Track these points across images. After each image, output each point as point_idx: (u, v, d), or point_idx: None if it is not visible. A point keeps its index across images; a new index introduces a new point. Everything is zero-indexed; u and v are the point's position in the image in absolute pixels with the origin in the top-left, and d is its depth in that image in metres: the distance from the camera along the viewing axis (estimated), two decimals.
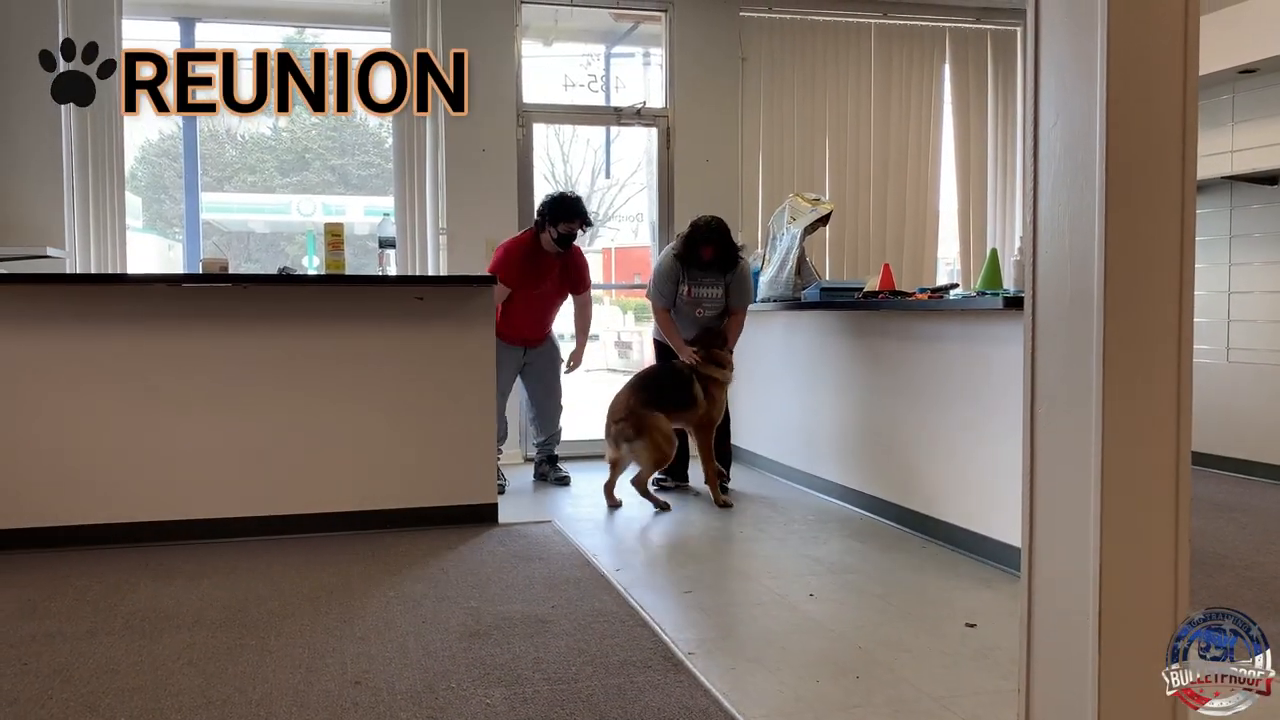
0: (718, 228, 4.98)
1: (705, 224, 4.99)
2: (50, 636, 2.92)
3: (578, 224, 5.19)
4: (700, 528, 4.48)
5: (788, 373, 5.53)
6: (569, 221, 5.15)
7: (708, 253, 4.95)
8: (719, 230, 4.97)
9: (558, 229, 5.14)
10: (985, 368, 3.83)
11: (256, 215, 12.75)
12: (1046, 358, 1.79)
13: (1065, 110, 1.73)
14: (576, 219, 5.17)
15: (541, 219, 5.18)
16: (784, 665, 2.74)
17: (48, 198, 5.56)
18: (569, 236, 5.19)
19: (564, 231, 5.15)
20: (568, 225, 5.15)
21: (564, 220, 5.13)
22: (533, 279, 5.22)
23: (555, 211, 5.13)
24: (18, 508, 3.97)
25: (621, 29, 6.88)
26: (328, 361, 4.24)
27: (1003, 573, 3.61)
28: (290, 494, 4.22)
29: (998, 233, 6.96)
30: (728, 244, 4.99)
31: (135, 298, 4.10)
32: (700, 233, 4.96)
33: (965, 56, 6.88)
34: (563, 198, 5.16)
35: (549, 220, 5.15)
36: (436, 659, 2.74)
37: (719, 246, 4.96)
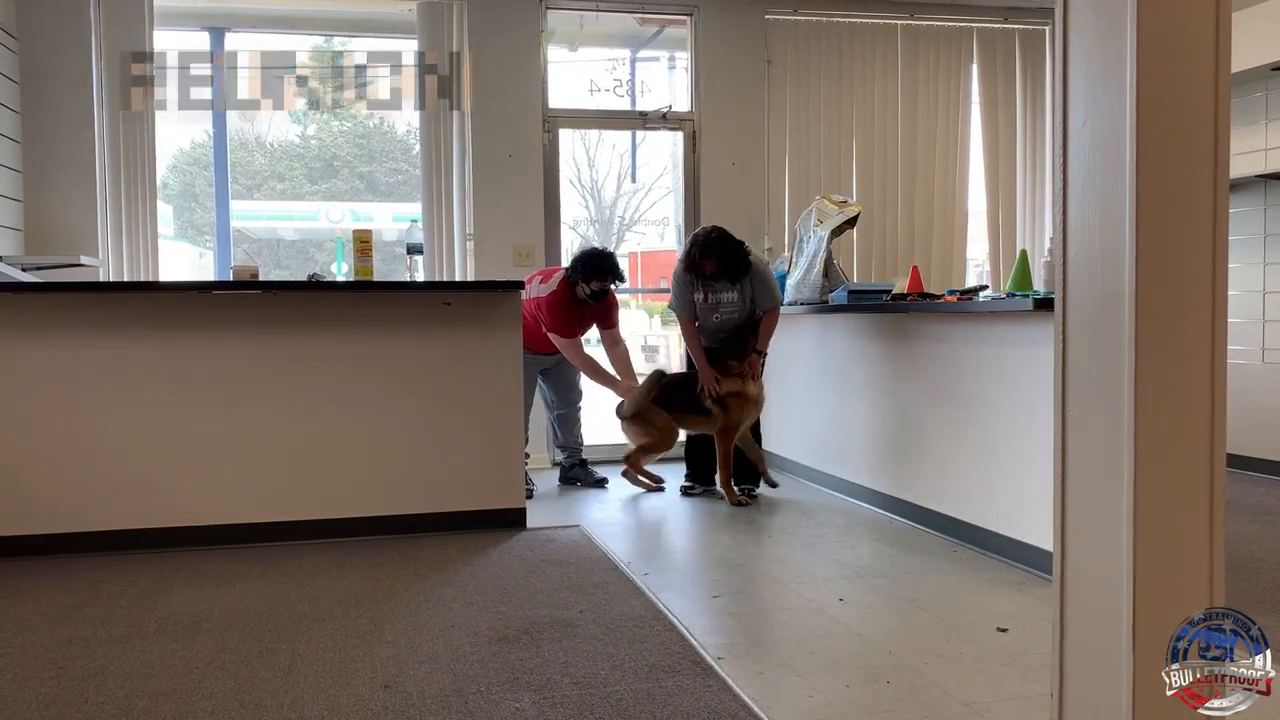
0: (716, 241, 4.94)
1: (703, 239, 4.97)
2: (86, 640, 2.96)
3: (610, 280, 5.25)
4: (729, 532, 4.47)
5: (815, 376, 5.51)
6: (602, 280, 5.21)
7: (709, 267, 4.94)
8: (716, 244, 4.93)
9: (590, 286, 5.20)
10: (1015, 370, 3.80)
11: (286, 222, 12.86)
12: (1077, 359, 1.78)
13: (1094, 109, 1.71)
14: (610, 276, 5.24)
15: (574, 274, 5.23)
16: (813, 670, 2.73)
17: (82, 207, 5.64)
18: (602, 292, 5.26)
19: (597, 289, 5.22)
20: (600, 283, 5.21)
21: (597, 279, 5.20)
22: (579, 326, 5.33)
23: (589, 271, 5.19)
24: (54, 513, 4.03)
25: (647, 33, 6.88)
26: (357, 367, 4.27)
27: (1034, 576, 3.57)
28: (320, 499, 4.25)
29: (1027, 234, 6.90)
30: (728, 253, 4.95)
31: (167, 305, 4.14)
32: (698, 248, 4.95)
33: (993, 56, 6.83)
34: (597, 257, 5.22)
35: (583, 278, 5.20)
36: (465, 663, 2.74)
37: (719, 258, 4.93)
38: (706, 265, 4.93)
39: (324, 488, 4.26)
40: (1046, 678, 2.04)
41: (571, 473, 5.64)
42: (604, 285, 5.23)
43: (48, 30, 5.57)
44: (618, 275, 5.25)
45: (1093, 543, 1.75)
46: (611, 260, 5.26)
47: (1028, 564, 3.67)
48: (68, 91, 5.60)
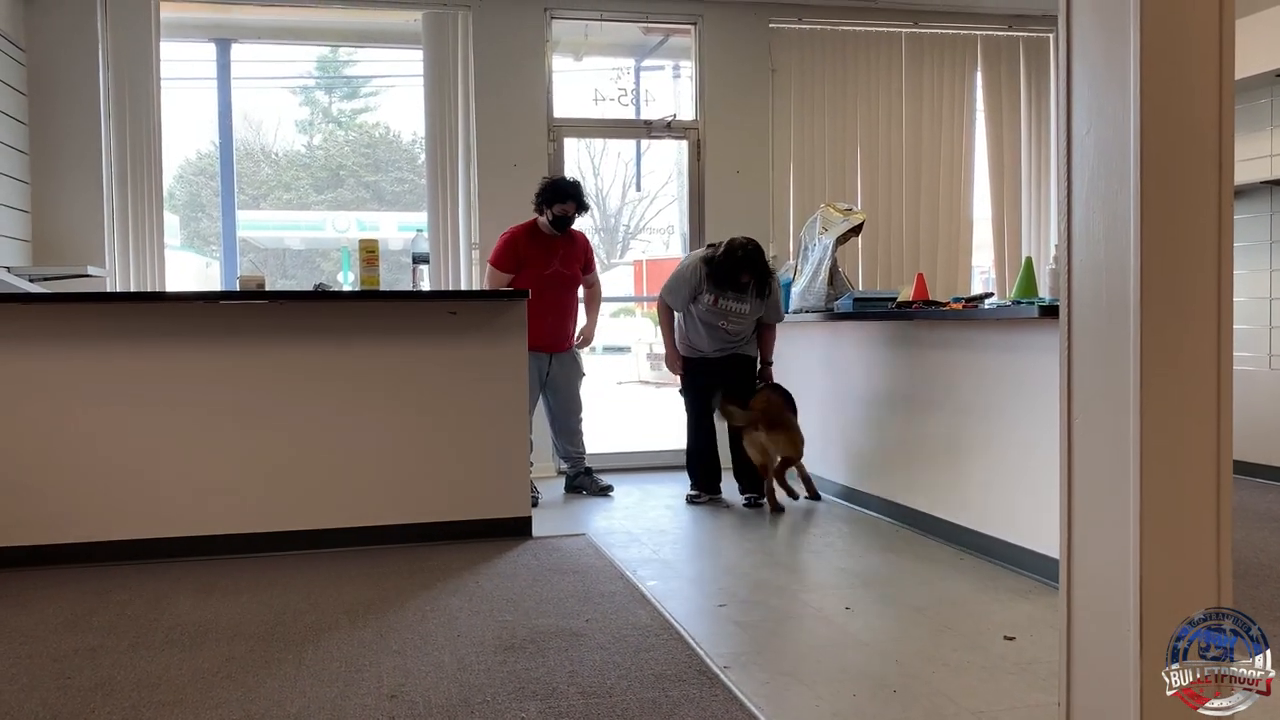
0: (755, 254, 4.94)
1: (742, 249, 4.92)
2: (93, 650, 2.96)
3: (572, 206, 5.22)
4: (734, 541, 4.47)
5: (820, 384, 5.51)
6: (563, 203, 5.18)
7: (745, 278, 4.94)
8: (755, 258, 4.94)
9: (552, 210, 5.18)
10: (1021, 377, 3.79)
11: (292, 232, 12.92)
12: (1083, 366, 1.78)
13: (1099, 116, 1.72)
14: (570, 200, 5.20)
15: (538, 202, 5.24)
16: (820, 679, 2.72)
17: (88, 218, 5.66)
18: (564, 219, 5.23)
19: (559, 214, 5.19)
20: (562, 207, 5.18)
21: (558, 202, 5.17)
22: (535, 262, 5.24)
23: (549, 194, 5.19)
24: (61, 523, 4.04)
25: (651, 42, 6.90)
26: (363, 376, 4.28)
27: (1041, 584, 3.56)
28: (326, 508, 4.26)
29: (1032, 241, 6.90)
30: (764, 270, 4.99)
31: (173, 315, 4.15)
32: (737, 259, 4.91)
33: (997, 64, 6.84)
34: (558, 180, 5.23)
35: (544, 203, 5.20)
36: (472, 672, 2.74)
37: (756, 274, 4.96)
38: (743, 276, 4.94)
39: (330, 497, 4.26)
40: (1054, 686, 2.04)
41: (577, 481, 5.64)
42: (566, 210, 5.20)
43: (55, 41, 5.59)
44: (579, 201, 5.22)
45: (1099, 550, 1.75)
46: (574, 186, 5.23)
47: (1035, 572, 3.66)
48: (74, 102, 5.62)
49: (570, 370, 5.51)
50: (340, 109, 13.74)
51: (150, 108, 5.72)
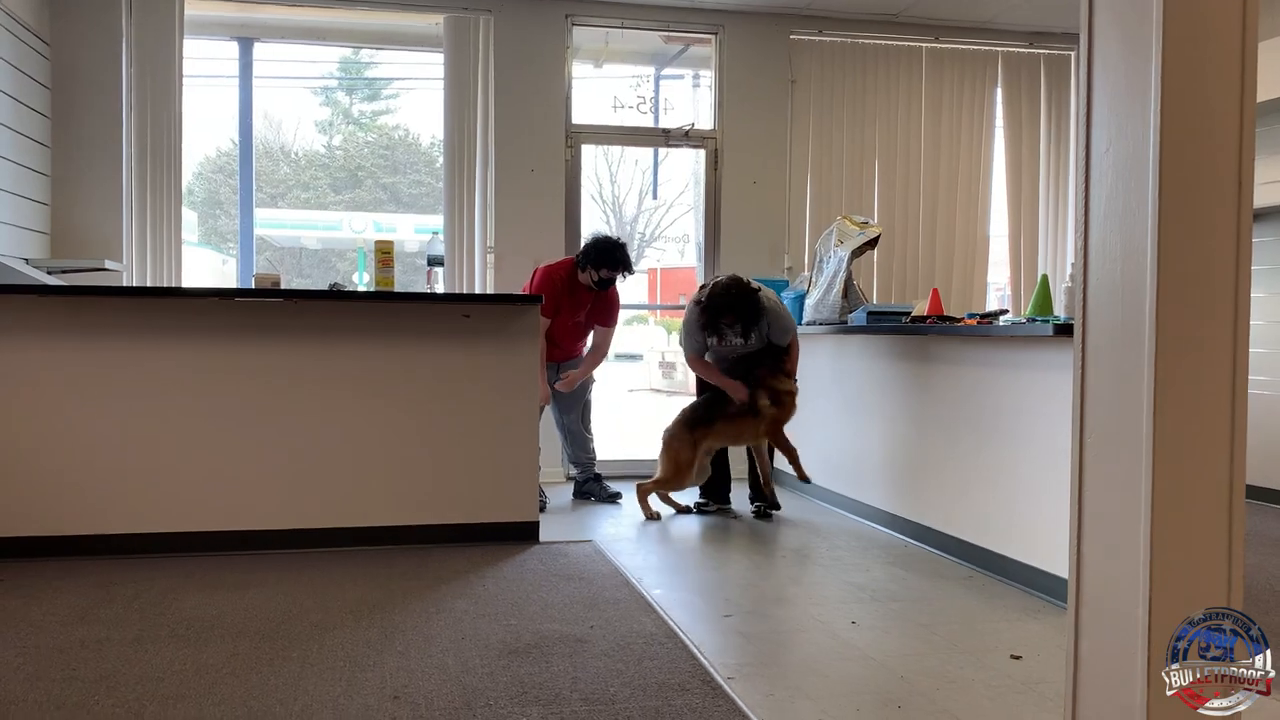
0: (733, 297, 4.89)
1: (722, 294, 4.91)
2: (98, 643, 2.97)
3: (620, 272, 5.24)
4: (742, 551, 4.46)
5: (832, 397, 5.50)
6: (611, 269, 5.20)
7: (729, 320, 4.94)
8: (733, 299, 4.89)
9: (599, 273, 5.19)
10: (1034, 395, 3.77)
11: (309, 231, 12.97)
12: (1096, 386, 1.77)
13: (1119, 136, 1.71)
14: (620, 268, 5.23)
15: (585, 259, 5.22)
16: (824, 693, 2.71)
17: (107, 212, 5.70)
18: (609, 281, 5.25)
19: (605, 277, 5.21)
20: (610, 272, 5.21)
21: (607, 267, 5.19)
22: (568, 310, 5.27)
23: (599, 258, 5.18)
24: (70, 516, 4.05)
25: (671, 51, 6.91)
26: (375, 377, 4.29)
27: (1049, 604, 3.54)
28: (335, 507, 4.27)
29: (1049, 259, 6.87)
30: (745, 306, 4.91)
31: (189, 311, 4.17)
32: (717, 306, 4.91)
33: (1018, 81, 6.82)
34: (609, 245, 5.20)
35: (592, 263, 5.19)
36: (475, 676, 2.74)
37: (739, 312, 4.92)
38: (726, 319, 4.95)
39: (338, 496, 4.27)
40: (1060, 707, 2.02)
41: (585, 487, 5.63)
42: (611, 275, 5.22)
43: (79, 37, 5.64)
44: (627, 268, 5.24)
45: (1109, 572, 1.74)
46: (623, 251, 5.23)
47: (1044, 591, 3.64)
48: (97, 98, 5.66)
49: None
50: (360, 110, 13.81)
51: (171, 104, 5.76)
